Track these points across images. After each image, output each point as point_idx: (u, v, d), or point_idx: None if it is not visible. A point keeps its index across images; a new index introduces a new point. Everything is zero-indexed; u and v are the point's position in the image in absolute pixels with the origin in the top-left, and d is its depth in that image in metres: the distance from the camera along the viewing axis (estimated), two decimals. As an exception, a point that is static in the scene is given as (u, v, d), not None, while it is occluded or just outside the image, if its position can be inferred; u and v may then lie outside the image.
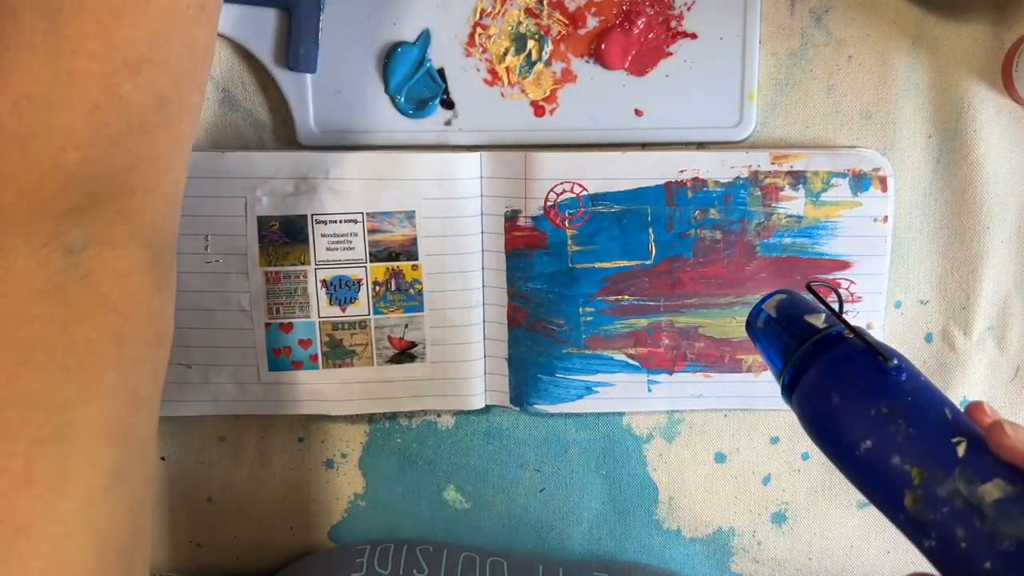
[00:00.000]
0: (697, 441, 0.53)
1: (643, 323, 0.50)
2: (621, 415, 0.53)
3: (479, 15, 0.47)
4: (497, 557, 0.52)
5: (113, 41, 0.29)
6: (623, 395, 0.52)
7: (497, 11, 0.47)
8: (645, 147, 0.49)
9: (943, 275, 0.51)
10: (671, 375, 0.51)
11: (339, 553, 0.51)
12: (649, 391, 0.51)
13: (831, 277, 0.50)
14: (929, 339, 0.52)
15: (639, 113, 0.48)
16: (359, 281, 0.49)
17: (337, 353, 0.50)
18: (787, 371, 0.35)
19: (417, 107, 0.48)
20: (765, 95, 0.49)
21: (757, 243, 0.49)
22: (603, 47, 0.47)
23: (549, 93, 0.48)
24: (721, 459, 0.54)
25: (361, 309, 0.50)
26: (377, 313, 0.50)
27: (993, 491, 0.27)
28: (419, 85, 0.48)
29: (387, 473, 0.54)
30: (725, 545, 0.55)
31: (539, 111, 0.49)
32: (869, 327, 0.50)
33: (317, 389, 0.51)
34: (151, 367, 0.33)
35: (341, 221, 0.48)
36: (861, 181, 0.48)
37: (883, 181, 0.48)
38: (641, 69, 0.48)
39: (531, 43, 0.47)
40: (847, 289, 0.50)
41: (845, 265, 0.49)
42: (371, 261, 0.49)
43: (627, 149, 0.49)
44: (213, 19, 0.33)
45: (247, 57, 0.48)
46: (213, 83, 0.48)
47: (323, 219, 0.48)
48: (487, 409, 0.53)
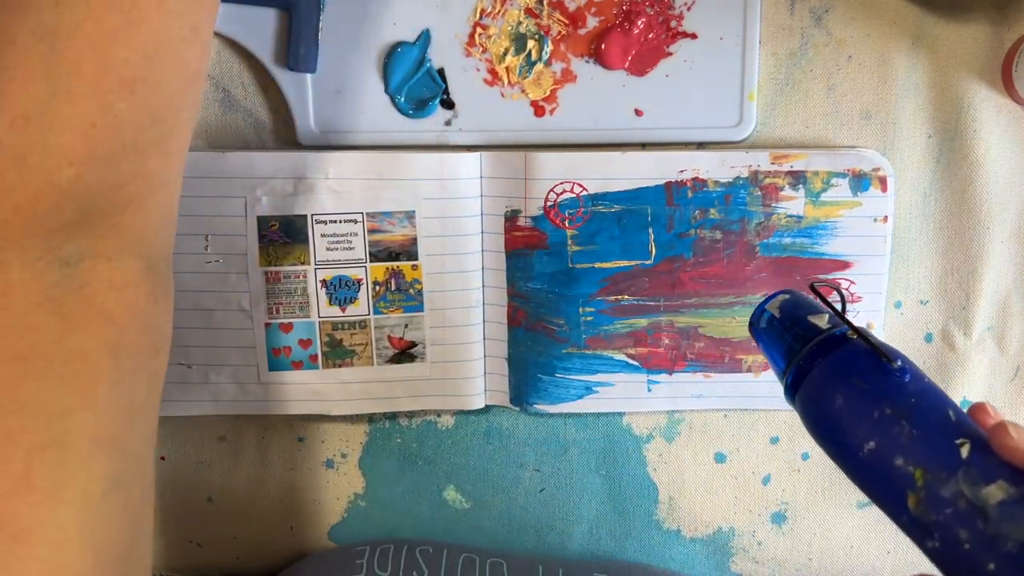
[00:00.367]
0: (697, 441, 0.53)
1: (643, 323, 0.50)
2: (621, 415, 0.53)
3: (479, 15, 0.47)
4: (497, 558, 0.52)
5: (108, 61, 0.30)
6: (623, 395, 0.52)
7: (497, 11, 0.47)
8: (645, 147, 0.49)
9: (943, 275, 0.51)
10: (671, 375, 0.51)
11: (338, 554, 0.51)
12: (649, 391, 0.51)
13: (831, 277, 0.50)
14: (929, 339, 0.52)
15: (639, 113, 0.48)
16: (359, 281, 0.49)
17: (337, 353, 0.50)
18: (790, 371, 0.35)
19: (417, 107, 0.48)
20: (765, 95, 0.49)
21: (757, 243, 0.49)
22: (603, 47, 0.47)
23: (549, 93, 0.48)
24: (721, 459, 0.54)
25: (361, 309, 0.50)
26: (377, 313, 0.50)
27: (997, 493, 0.27)
28: (419, 85, 0.48)
29: (387, 473, 0.54)
30: (725, 545, 0.55)
31: (539, 111, 0.49)
32: (869, 327, 0.50)
33: (317, 389, 0.51)
34: (147, 376, 0.33)
35: (341, 221, 0.48)
36: (861, 181, 0.48)
37: (883, 181, 0.48)
38: (641, 69, 0.48)
39: (531, 43, 0.47)
40: (847, 289, 0.50)
41: (845, 265, 0.49)
42: (371, 261, 0.49)
43: (627, 149, 0.49)
44: (206, 39, 0.34)
45: (247, 57, 0.48)
46: (213, 83, 0.48)
47: (323, 219, 0.48)
48: (487, 409, 0.53)
